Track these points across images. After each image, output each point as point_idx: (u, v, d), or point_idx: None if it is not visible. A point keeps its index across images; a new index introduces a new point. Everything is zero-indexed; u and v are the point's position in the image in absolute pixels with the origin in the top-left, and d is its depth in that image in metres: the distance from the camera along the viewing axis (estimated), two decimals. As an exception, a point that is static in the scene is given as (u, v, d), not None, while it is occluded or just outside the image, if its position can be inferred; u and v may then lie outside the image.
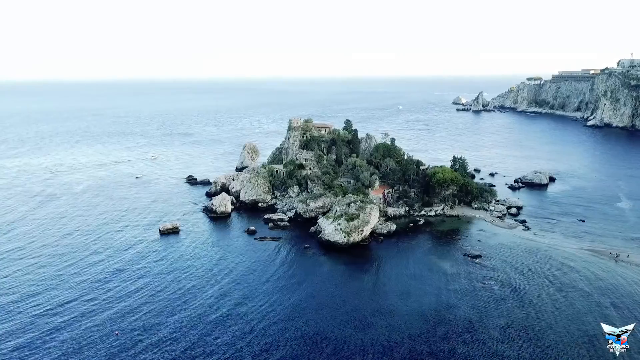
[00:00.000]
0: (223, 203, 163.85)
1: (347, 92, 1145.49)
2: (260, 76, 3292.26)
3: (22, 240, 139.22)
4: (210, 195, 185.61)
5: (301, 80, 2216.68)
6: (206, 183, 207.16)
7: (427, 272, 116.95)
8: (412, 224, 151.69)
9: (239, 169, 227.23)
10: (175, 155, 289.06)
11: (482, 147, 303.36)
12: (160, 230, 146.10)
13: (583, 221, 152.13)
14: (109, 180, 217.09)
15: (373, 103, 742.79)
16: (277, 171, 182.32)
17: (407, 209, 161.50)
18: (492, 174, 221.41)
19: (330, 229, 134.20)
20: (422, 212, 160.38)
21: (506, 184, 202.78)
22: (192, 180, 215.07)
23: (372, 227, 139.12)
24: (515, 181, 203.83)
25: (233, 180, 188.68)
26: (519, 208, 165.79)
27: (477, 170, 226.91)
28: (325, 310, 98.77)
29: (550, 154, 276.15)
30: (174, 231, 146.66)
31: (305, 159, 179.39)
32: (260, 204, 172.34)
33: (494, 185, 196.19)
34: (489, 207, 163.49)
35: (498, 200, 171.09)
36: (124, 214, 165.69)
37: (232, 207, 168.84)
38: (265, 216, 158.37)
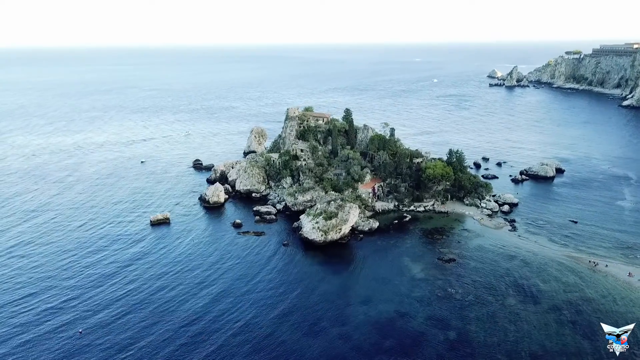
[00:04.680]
0: (216, 193, 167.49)
1: (386, 62, 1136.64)
2: (301, 43, 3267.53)
3: (20, 232, 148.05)
4: (210, 182, 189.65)
5: (343, 48, 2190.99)
6: (210, 169, 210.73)
7: (395, 276, 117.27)
8: (397, 220, 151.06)
9: (246, 153, 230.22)
10: (206, 133, 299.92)
11: (501, 131, 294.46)
12: (151, 221, 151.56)
13: (575, 222, 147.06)
14: (120, 163, 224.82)
15: (409, 75, 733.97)
16: (273, 161, 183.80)
17: (396, 203, 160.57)
18: (499, 164, 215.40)
19: (309, 227, 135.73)
20: (411, 208, 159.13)
21: (510, 175, 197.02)
22: (197, 165, 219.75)
23: (353, 225, 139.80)
24: (521, 173, 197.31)
25: (232, 168, 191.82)
26: (513, 205, 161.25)
27: (486, 159, 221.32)
28: (281, 315, 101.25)
29: (571, 139, 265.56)
30: (164, 222, 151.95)
31: (301, 150, 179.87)
32: (254, 194, 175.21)
33: (497, 177, 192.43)
34: (480, 204, 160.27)
35: (493, 196, 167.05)
36: (122, 199, 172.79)
37: (227, 196, 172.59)
38: (254, 208, 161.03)
